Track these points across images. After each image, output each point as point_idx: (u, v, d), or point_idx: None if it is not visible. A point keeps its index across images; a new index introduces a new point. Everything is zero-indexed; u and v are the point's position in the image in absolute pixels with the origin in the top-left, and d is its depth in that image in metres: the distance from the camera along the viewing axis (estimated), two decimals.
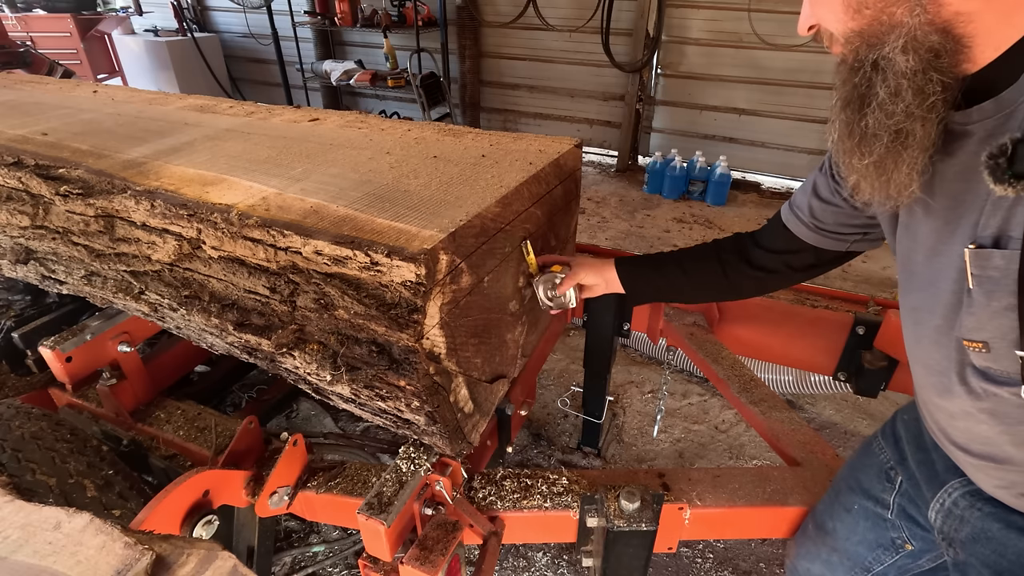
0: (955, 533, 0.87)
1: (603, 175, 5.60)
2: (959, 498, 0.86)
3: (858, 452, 1.12)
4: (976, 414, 0.72)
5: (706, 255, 1.14)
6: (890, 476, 1.02)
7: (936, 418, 0.84)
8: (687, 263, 1.16)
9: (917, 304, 0.78)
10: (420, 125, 1.53)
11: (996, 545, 0.80)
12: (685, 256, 1.17)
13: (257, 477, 1.23)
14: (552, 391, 2.71)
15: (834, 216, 0.95)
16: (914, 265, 0.77)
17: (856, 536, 1.06)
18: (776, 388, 2.44)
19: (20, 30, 5.59)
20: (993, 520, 0.81)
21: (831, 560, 1.12)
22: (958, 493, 0.86)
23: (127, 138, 1.40)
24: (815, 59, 4.61)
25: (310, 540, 1.96)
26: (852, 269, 3.87)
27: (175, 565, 0.61)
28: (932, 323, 0.74)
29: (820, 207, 0.96)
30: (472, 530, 1.14)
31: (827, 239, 0.99)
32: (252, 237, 0.95)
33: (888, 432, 1.06)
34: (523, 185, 1.11)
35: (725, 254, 1.12)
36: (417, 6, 5.36)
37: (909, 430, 1.01)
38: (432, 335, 0.90)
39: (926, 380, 0.81)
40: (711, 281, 1.15)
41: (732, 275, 1.11)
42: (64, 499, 1.10)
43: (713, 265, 1.13)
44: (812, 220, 0.98)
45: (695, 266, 1.15)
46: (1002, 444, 0.72)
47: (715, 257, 1.13)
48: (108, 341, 1.44)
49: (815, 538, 1.14)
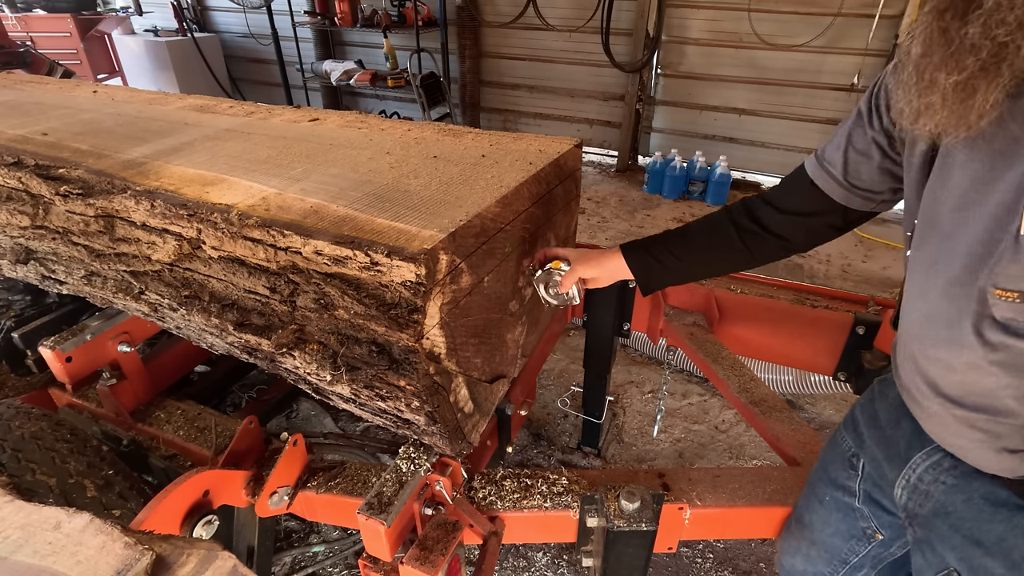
0: (919, 509, 0.87)
1: (603, 175, 5.61)
2: (924, 472, 0.86)
3: (826, 444, 1.13)
4: (985, 366, 0.71)
5: (719, 226, 1.07)
6: (852, 463, 1.02)
7: (927, 371, 0.81)
8: (700, 238, 1.09)
9: (933, 254, 0.75)
10: (420, 125, 1.53)
11: (954, 520, 0.81)
12: (696, 231, 1.09)
13: (257, 477, 1.23)
14: (552, 391, 2.71)
15: (868, 170, 0.89)
16: (938, 214, 0.74)
17: (830, 528, 1.07)
18: (776, 388, 2.44)
19: (20, 30, 5.59)
20: (956, 493, 0.81)
21: (811, 554, 1.12)
22: (923, 467, 0.86)
23: (127, 138, 1.40)
24: (815, 59, 4.62)
25: (310, 540, 1.96)
26: (852, 269, 3.87)
27: (175, 565, 0.61)
28: (948, 274, 0.72)
29: (855, 159, 0.89)
30: (472, 530, 1.14)
31: (858, 197, 0.93)
32: (252, 237, 0.95)
33: (848, 420, 1.06)
34: (523, 185, 1.11)
35: (740, 220, 1.04)
36: (417, 6, 5.36)
37: (865, 412, 1.01)
38: (432, 335, 0.90)
39: (925, 332, 0.79)
40: (729, 254, 1.07)
41: (751, 244, 1.04)
42: (64, 499, 1.10)
43: (729, 236, 1.05)
44: (845, 176, 0.92)
45: (709, 240, 1.08)
46: (1003, 397, 0.72)
47: (730, 227, 1.05)
48: (108, 341, 1.44)
49: (795, 533, 1.15)
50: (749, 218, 1.04)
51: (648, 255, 1.11)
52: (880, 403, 0.99)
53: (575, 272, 1.14)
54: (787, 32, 4.60)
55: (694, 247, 1.09)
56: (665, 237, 1.12)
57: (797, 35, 4.56)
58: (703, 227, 1.09)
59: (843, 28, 4.43)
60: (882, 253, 4.10)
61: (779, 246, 1.05)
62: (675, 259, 1.09)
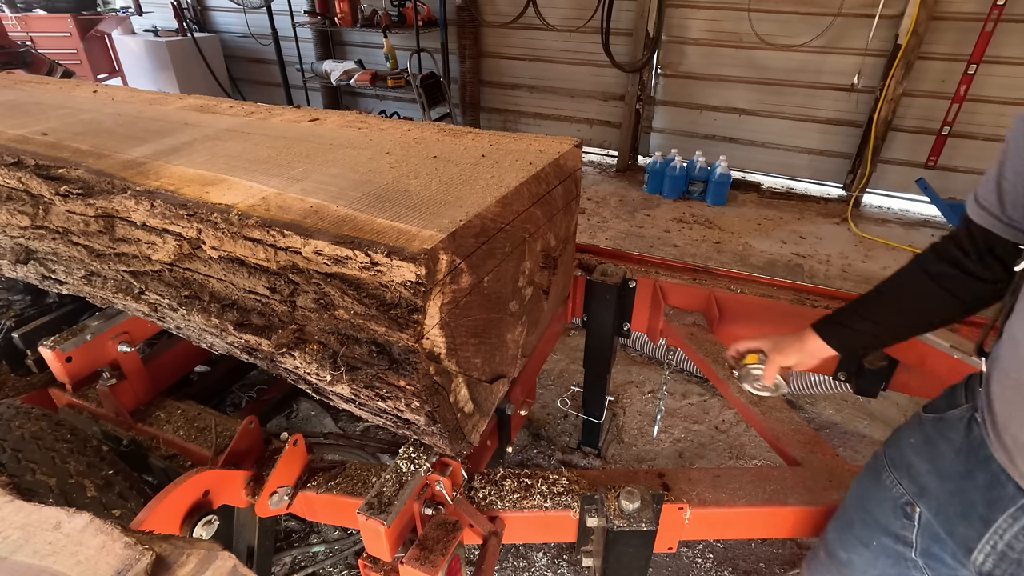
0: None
1: (603, 175, 5.61)
2: (1013, 539, 0.78)
3: (866, 481, 1.04)
4: None
5: (914, 279, 0.98)
6: (907, 512, 0.93)
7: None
8: (900, 298, 1.01)
9: None
10: (420, 125, 1.53)
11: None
12: (892, 291, 1.01)
13: (257, 477, 1.23)
14: (552, 391, 2.71)
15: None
16: None
17: (875, 571, 1.01)
18: None
19: (20, 30, 5.60)
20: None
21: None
22: (1012, 532, 0.78)
23: (127, 138, 1.40)
24: (815, 59, 4.62)
25: (310, 540, 1.96)
26: (852, 269, 3.87)
27: (175, 565, 0.61)
28: None
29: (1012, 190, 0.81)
30: (472, 530, 1.14)
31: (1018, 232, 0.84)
32: (252, 237, 0.95)
33: (897, 460, 0.97)
34: (523, 185, 1.11)
35: (934, 268, 0.95)
36: (417, 6, 5.36)
37: (921, 456, 0.92)
38: (432, 335, 0.90)
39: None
40: (936, 305, 0.97)
41: (957, 289, 0.94)
42: (64, 499, 1.10)
43: (929, 288, 0.96)
44: (1000, 210, 0.84)
45: (911, 297, 0.99)
46: None
47: (925, 278, 0.96)
48: (108, 341, 1.44)
49: (829, 567, 1.10)
50: (944, 262, 0.95)
51: (842, 327, 1.08)
52: (944, 447, 0.90)
53: (774, 364, 1.15)
54: (787, 32, 4.60)
55: (895, 309, 1.03)
56: (863, 306, 1.06)
57: (797, 35, 4.56)
58: (899, 286, 1.02)
59: (843, 28, 4.43)
60: (882, 253, 4.10)
61: (986, 287, 0.92)
62: (871, 323, 1.05)
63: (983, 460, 0.83)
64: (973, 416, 0.86)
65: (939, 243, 0.97)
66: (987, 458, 0.82)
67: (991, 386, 0.82)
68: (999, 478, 0.80)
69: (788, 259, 3.99)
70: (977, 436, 0.85)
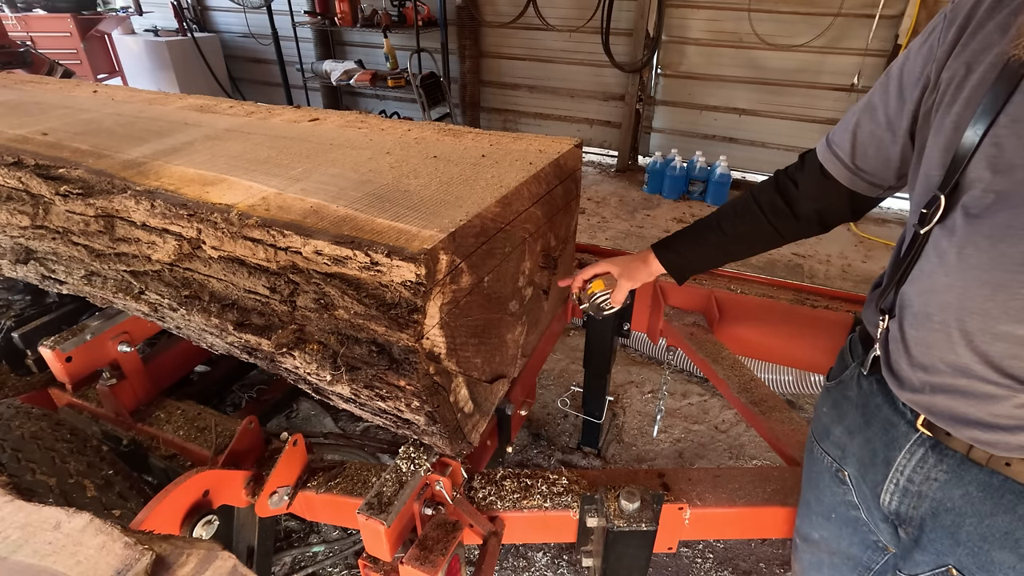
0: (913, 511, 0.84)
1: (603, 175, 5.61)
2: (912, 472, 0.83)
3: (807, 461, 1.09)
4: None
5: (749, 213, 1.08)
6: (840, 478, 0.98)
7: (988, 351, 0.71)
8: (731, 228, 1.11)
9: (1010, 219, 0.66)
10: (420, 125, 1.53)
11: (954, 517, 0.79)
12: (726, 221, 1.11)
13: (257, 477, 1.23)
14: (552, 391, 2.71)
15: (877, 151, 0.88)
16: (1017, 171, 0.66)
17: (845, 540, 1.04)
18: (776, 388, 2.44)
19: (20, 30, 5.59)
20: (951, 488, 0.79)
21: (835, 563, 1.09)
22: (910, 467, 0.83)
23: (127, 138, 1.40)
24: (815, 59, 4.62)
25: (310, 540, 1.96)
26: (852, 269, 3.87)
27: (175, 565, 0.61)
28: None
29: (865, 139, 0.89)
30: (472, 530, 1.14)
31: (863, 183, 0.93)
32: (252, 237, 0.95)
33: (820, 433, 1.03)
34: (523, 185, 1.11)
35: (769, 207, 1.06)
36: (417, 6, 5.36)
37: (835, 422, 0.98)
38: (432, 335, 0.90)
39: (992, 307, 0.69)
40: (759, 238, 1.10)
41: (782, 227, 1.06)
42: (64, 499, 1.10)
43: (760, 223, 1.07)
44: (852, 161, 0.92)
45: (741, 229, 1.10)
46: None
47: (759, 214, 1.07)
48: (108, 341, 1.44)
49: (809, 550, 1.12)
50: (780, 201, 1.05)
51: (676, 255, 1.17)
52: (846, 407, 0.96)
53: (623, 288, 1.20)
54: (787, 32, 4.60)
55: (725, 238, 1.12)
56: (697, 232, 1.16)
57: (797, 35, 4.56)
58: (733, 218, 1.11)
59: (843, 28, 4.43)
60: (882, 253, 4.10)
61: (801, 231, 1.06)
62: (702, 250, 1.15)
63: (875, 408, 0.89)
64: (861, 371, 0.93)
65: (780, 184, 1.06)
66: (878, 405, 0.88)
67: (906, 331, 0.81)
68: (891, 420, 0.85)
69: (788, 259, 3.99)
70: (866, 388, 0.92)
